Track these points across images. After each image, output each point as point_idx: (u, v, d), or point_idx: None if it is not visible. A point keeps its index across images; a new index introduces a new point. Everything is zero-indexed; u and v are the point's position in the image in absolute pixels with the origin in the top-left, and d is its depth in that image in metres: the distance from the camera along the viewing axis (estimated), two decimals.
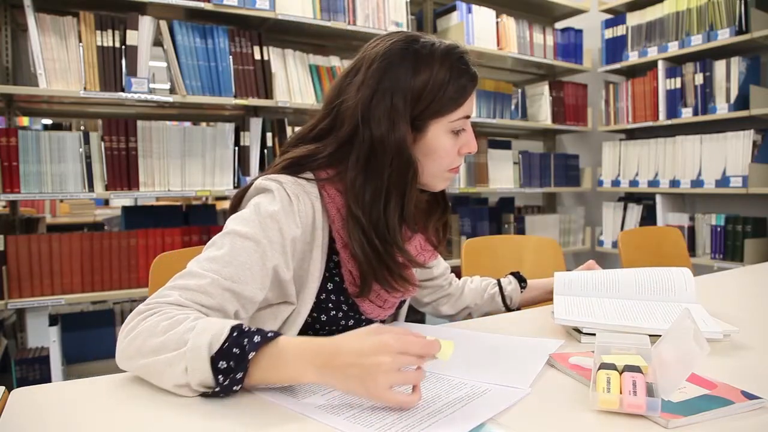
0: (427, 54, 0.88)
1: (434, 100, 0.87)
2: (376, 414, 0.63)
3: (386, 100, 0.86)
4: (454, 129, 0.91)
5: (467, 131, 0.93)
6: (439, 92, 0.87)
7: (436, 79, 0.87)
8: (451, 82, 0.88)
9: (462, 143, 0.93)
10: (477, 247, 1.56)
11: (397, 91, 0.86)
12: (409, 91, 0.86)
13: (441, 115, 0.89)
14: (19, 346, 2.14)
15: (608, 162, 3.29)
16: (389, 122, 0.85)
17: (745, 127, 2.63)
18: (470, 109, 0.92)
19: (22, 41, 2.08)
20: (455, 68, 0.89)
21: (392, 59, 0.87)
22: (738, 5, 2.61)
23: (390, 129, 0.85)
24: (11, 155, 1.87)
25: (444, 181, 0.96)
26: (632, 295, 1.09)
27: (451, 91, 0.88)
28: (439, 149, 0.90)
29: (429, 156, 0.91)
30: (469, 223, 2.95)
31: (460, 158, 0.95)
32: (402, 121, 0.86)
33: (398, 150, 0.86)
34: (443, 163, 0.92)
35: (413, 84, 0.87)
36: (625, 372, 0.66)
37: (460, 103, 0.89)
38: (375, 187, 0.86)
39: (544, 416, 0.64)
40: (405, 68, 0.87)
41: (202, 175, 2.18)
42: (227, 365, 0.65)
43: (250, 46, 2.24)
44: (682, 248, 2.10)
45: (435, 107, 0.88)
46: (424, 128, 0.89)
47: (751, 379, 0.74)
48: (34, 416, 0.64)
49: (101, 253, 2.04)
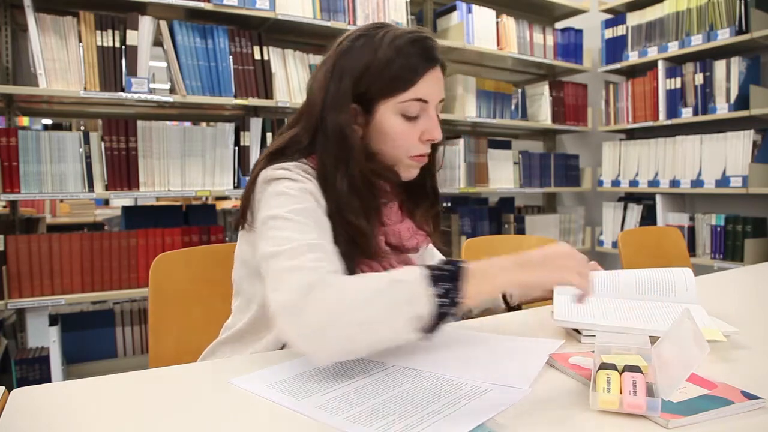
0: (379, 37, 0.89)
1: (378, 79, 0.88)
2: (376, 414, 0.63)
3: (336, 82, 0.89)
4: (405, 112, 0.90)
5: (429, 117, 0.92)
6: (384, 70, 0.87)
7: (381, 58, 0.87)
8: (397, 60, 0.87)
9: (423, 130, 0.92)
10: (477, 247, 1.56)
11: (345, 74, 0.88)
12: (355, 70, 0.88)
13: (386, 96, 0.89)
14: (19, 346, 2.14)
15: (608, 162, 3.29)
16: (337, 105, 0.88)
17: (745, 127, 2.63)
18: (428, 93, 0.91)
19: (22, 41, 2.08)
20: (404, 49, 0.88)
21: (348, 43, 0.90)
22: (738, 5, 2.61)
23: (337, 112, 0.87)
24: (11, 155, 1.87)
25: (407, 168, 0.95)
26: (632, 296, 1.09)
27: (396, 70, 0.87)
28: (390, 132, 0.90)
29: (381, 139, 0.91)
30: (469, 223, 2.95)
31: (423, 146, 0.93)
32: (346, 103, 0.88)
33: (341, 132, 0.87)
34: (398, 148, 0.92)
35: (358, 64, 0.88)
36: (625, 372, 0.66)
37: (408, 83, 0.88)
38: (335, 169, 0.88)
39: (544, 416, 0.64)
40: (355, 51, 0.89)
41: (202, 175, 2.18)
42: (444, 288, 0.68)
43: (250, 46, 2.24)
44: (682, 248, 2.10)
45: (379, 86, 0.88)
46: (372, 110, 0.90)
47: (751, 379, 0.74)
48: (34, 416, 0.64)
49: (101, 253, 2.04)
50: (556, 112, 3.22)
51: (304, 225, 0.78)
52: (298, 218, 0.79)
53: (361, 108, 0.90)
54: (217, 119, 2.72)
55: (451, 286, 0.69)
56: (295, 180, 0.85)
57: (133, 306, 2.32)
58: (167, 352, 1.10)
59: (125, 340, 2.29)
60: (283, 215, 0.79)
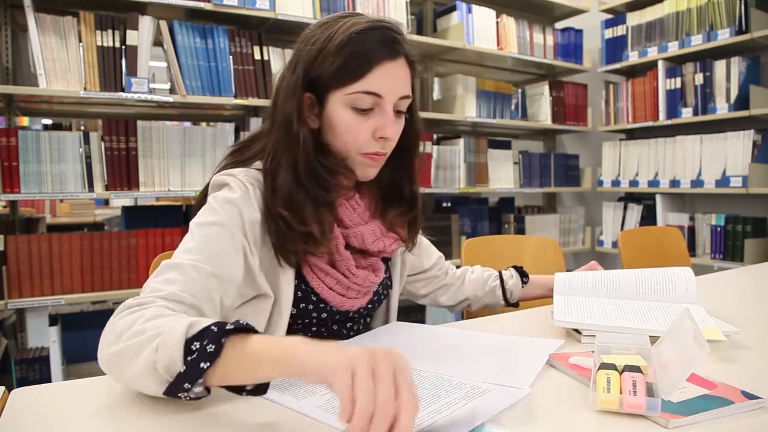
0: (339, 25, 0.85)
1: (327, 66, 0.84)
2: None
3: (291, 70, 0.87)
4: (354, 104, 0.85)
5: (383, 113, 0.86)
6: (335, 57, 0.83)
7: (334, 42, 0.83)
8: (346, 49, 0.83)
9: (376, 126, 0.86)
10: (477, 247, 1.56)
11: (300, 61, 0.86)
12: (309, 57, 0.85)
13: (336, 86, 0.85)
14: (19, 346, 2.14)
15: (608, 162, 3.29)
16: (288, 93, 0.86)
17: (745, 127, 2.63)
18: (381, 87, 0.84)
19: (22, 41, 2.08)
20: (358, 38, 0.83)
21: (309, 31, 0.88)
22: (738, 5, 2.61)
23: (286, 100, 0.86)
24: (11, 155, 1.87)
25: (360, 166, 0.90)
26: (633, 296, 1.09)
27: (348, 57, 0.83)
28: (338, 125, 0.86)
29: (331, 132, 0.88)
30: (469, 223, 2.95)
31: (375, 143, 0.88)
32: (297, 91, 0.85)
33: (286, 120, 0.85)
34: (347, 142, 0.87)
35: (311, 49, 0.85)
36: (625, 372, 0.66)
37: (357, 73, 0.83)
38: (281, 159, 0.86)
39: (544, 416, 0.64)
40: (314, 38, 0.86)
41: (202, 175, 2.18)
42: (200, 345, 0.59)
43: (250, 46, 2.24)
44: (682, 248, 2.10)
45: (327, 74, 0.84)
46: (324, 100, 0.86)
47: (751, 379, 0.74)
48: (34, 416, 0.64)
49: (101, 253, 2.04)
50: (556, 112, 3.22)
51: (193, 241, 0.79)
52: (195, 231, 0.80)
53: (315, 98, 0.87)
54: (217, 119, 2.72)
55: (206, 344, 0.59)
56: (232, 188, 0.85)
57: None
58: None
59: None
60: (190, 225, 0.82)
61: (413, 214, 0.99)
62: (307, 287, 0.91)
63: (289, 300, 0.88)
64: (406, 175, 0.98)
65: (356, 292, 0.94)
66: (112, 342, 0.66)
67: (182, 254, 0.77)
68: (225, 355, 0.59)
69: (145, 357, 0.61)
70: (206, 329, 0.60)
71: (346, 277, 0.92)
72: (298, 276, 0.90)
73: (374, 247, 0.95)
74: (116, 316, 0.69)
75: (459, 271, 1.26)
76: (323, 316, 0.94)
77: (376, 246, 0.95)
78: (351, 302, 0.94)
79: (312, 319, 0.93)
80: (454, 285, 1.23)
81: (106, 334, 0.68)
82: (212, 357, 0.58)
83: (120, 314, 0.69)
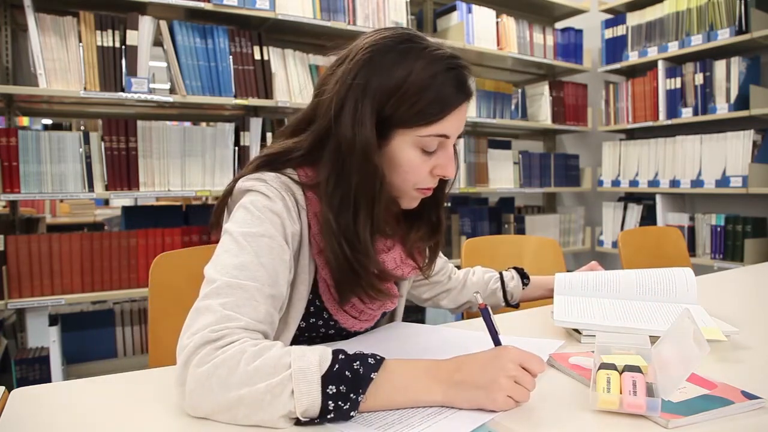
0: (414, 54, 0.79)
1: (405, 107, 0.78)
2: (376, 414, 0.63)
3: (357, 97, 0.78)
4: (424, 146, 0.81)
5: (446, 152, 0.83)
6: (414, 98, 0.77)
7: (414, 83, 0.77)
8: (430, 90, 0.77)
9: (436, 164, 0.83)
10: (477, 247, 1.56)
11: (369, 90, 0.78)
12: (381, 90, 0.78)
13: (408, 126, 0.79)
14: (19, 346, 2.14)
15: (608, 162, 3.29)
16: (357, 122, 0.77)
17: (745, 127, 2.63)
18: (451, 129, 0.81)
19: (22, 41, 2.08)
20: (439, 78, 0.78)
21: (374, 54, 0.79)
22: (738, 5, 2.61)
23: (357, 130, 0.77)
24: (11, 155, 1.87)
25: (411, 200, 0.88)
26: (633, 296, 1.09)
27: (428, 101, 0.77)
28: (403, 164, 0.81)
29: (391, 168, 0.82)
30: (469, 223, 2.95)
31: (432, 179, 0.85)
32: (368, 123, 0.78)
33: (364, 155, 0.78)
34: (408, 180, 0.83)
35: (386, 83, 0.78)
36: (625, 372, 0.66)
37: (436, 117, 0.79)
38: (343, 192, 0.79)
39: (544, 416, 0.64)
40: (384, 65, 0.78)
41: (202, 175, 2.18)
42: (336, 390, 0.60)
43: (250, 46, 2.24)
44: (682, 248, 2.10)
45: (404, 115, 0.78)
46: (389, 135, 0.80)
47: (751, 379, 0.74)
48: (34, 416, 0.64)
49: (101, 253, 2.04)
50: (556, 112, 3.22)
51: (244, 255, 0.73)
52: (244, 243, 0.74)
53: (376, 129, 0.80)
54: (217, 119, 2.72)
55: (348, 389, 0.61)
56: (267, 196, 0.78)
57: (133, 306, 2.32)
58: (167, 352, 1.09)
59: (125, 340, 2.29)
60: (233, 233, 0.75)
61: (436, 239, 0.97)
62: (321, 304, 0.89)
63: (299, 313, 0.86)
64: (434, 203, 0.95)
65: (368, 315, 0.94)
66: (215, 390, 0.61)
67: (234, 270, 0.71)
68: (373, 391, 0.63)
69: (282, 403, 0.60)
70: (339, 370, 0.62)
71: (363, 302, 0.90)
72: (313, 291, 0.88)
73: (397, 273, 0.92)
74: (198, 355, 0.63)
75: (460, 274, 1.25)
76: (330, 333, 0.93)
77: (395, 273, 0.92)
78: (361, 324, 0.94)
79: (318, 333, 0.93)
80: (455, 289, 1.23)
81: (199, 378, 0.62)
82: (357, 405, 0.61)
83: (203, 351, 0.63)
